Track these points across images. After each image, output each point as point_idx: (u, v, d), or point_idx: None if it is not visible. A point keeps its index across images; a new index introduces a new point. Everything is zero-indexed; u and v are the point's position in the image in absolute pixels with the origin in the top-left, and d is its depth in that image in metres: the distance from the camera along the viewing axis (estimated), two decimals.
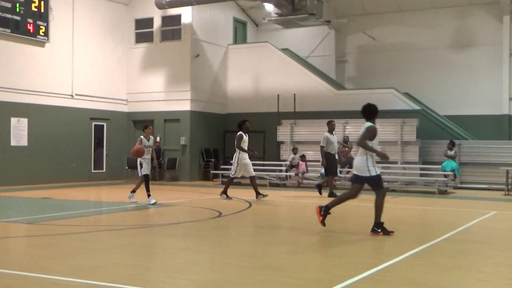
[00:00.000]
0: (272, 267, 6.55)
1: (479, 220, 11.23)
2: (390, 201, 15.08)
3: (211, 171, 23.09)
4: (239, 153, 15.11)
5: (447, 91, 24.32)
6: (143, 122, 24.50)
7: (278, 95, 24.04)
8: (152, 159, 13.65)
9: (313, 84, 23.90)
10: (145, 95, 24.28)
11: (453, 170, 19.38)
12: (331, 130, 16.22)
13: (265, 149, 24.49)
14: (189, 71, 23.60)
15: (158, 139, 24.05)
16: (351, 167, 20.50)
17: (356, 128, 21.78)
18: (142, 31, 24.68)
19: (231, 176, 15.60)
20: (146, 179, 13.43)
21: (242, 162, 15.14)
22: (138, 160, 13.45)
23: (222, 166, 23.18)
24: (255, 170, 22.15)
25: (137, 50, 24.67)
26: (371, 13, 26.08)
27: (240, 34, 27.45)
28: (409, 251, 7.50)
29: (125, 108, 24.68)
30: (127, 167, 23.70)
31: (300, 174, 20.56)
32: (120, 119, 24.41)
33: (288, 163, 21.47)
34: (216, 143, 25.07)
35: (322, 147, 15.98)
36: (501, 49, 23.38)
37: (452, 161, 19.75)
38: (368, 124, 9.21)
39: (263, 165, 22.67)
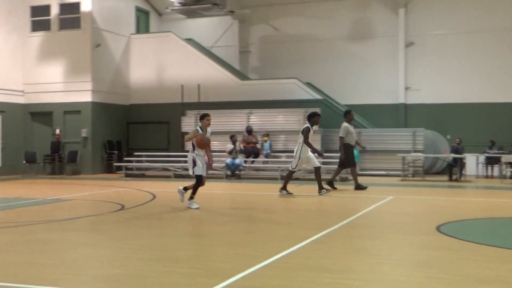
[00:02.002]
0: (175, 259, 6.49)
1: (377, 205, 11.67)
2: (293, 190, 15.34)
3: (114, 164, 22.58)
4: (302, 145, 13.70)
5: (347, 81, 25.06)
6: (41, 114, 23.65)
7: (182, 86, 23.87)
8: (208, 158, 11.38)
9: (217, 75, 23.89)
10: (43, 86, 23.34)
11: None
12: (349, 120, 15.43)
13: (170, 140, 24.28)
14: (90, 61, 22.92)
15: (58, 131, 23.25)
16: (256, 156, 20.82)
17: (260, 119, 22.10)
18: (39, 19, 23.66)
19: (290, 169, 14.00)
20: (198, 181, 11.15)
21: (305, 155, 13.71)
22: (191, 156, 11.06)
23: (125, 158, 22.77)
24: (159, 162, 22.10)
25: (34, 38, 23.65)
26: (274, 4, 26.36)
27: (142, 24, 26.95)
28: (310, 237, 7.66)
29: (21, 100, 23.61)
30: (24, 161, 22.75)
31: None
32: (16, 111, 23.34)
33: None
34: (119, 134, 24.54)
35: (341, 137, 15.15)
36: (397, 40, 24.35)
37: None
38: None
39: (168, 156, 22.47)
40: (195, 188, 11.20)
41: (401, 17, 24.27)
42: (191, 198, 11.18)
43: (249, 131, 21.08)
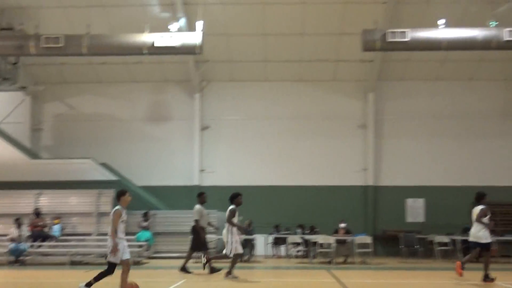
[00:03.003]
0: None
1: None
2: (82, 276, 14.69)
3: None
4: (231, 228, 13.58)
5: (144, 162, 25.05)
6: None
7: None
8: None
9: (5, 153, 22.44)
10: None
11: (147, 240, 19.85)
12: (202, 202, 15.39)
13: None
14: None
15: None
16: (43, 240, 19.60)
17: (51, 200, 21.10)
18: None
19: (233, 254, 13.61)
20: (110, 270, 9.59)
21: (235, 238, 13.60)
22: (112, 241, 9.32)
23: None
24: None
25: None
26: (70, 82, 25.84)
27: None
28: None
29: None
30: None
31: None
32: None
33: None
34: None
35: (196, 220, 15.11)
36: (193, 124, 25.12)
37: (146, 232, 20.27)
38: (479, 207, 13.10)
39: None
40: (100, 276, 9.67)
41: (197, 101, 25.20)
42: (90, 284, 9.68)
43: (37, 213, 19.93)
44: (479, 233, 12.98)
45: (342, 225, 19.99)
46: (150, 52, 18.70)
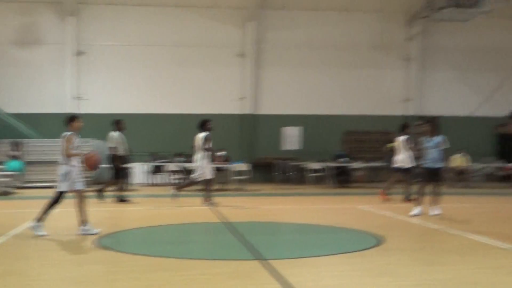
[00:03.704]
0: None
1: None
2: None
3: None
4: (206, 153, 13.91)
5: (11, 88, 23.62)
6: None
7: None
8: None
9: None
10: None
11: (17, 170, 19.04)
12: (120, 129, 15.03)
13: None
14: None
15: None
16: None
17: None
18: None
19: (204, 180, 14.07)
20: (57, 198, 9.18)
21: (207, 164, 13.96)
22: (67, 168, 9.11)
23: None
24: None
25: None
26: None
27: None
28: None
29: None
30: None
31: None
32: None
33: None
34: None
35: (112, 148, 14.65)
36: (65, 48, 23.85)
37: (16, 161, 19.40)
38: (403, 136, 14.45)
39: None
40: (50, 207, 9.23)
41: (70, 25, 23.85)
42: (40, 219, 9.11)
43: None
44: (405, 160, 14.23)
45: (220, 153, 20.16)
46: None
